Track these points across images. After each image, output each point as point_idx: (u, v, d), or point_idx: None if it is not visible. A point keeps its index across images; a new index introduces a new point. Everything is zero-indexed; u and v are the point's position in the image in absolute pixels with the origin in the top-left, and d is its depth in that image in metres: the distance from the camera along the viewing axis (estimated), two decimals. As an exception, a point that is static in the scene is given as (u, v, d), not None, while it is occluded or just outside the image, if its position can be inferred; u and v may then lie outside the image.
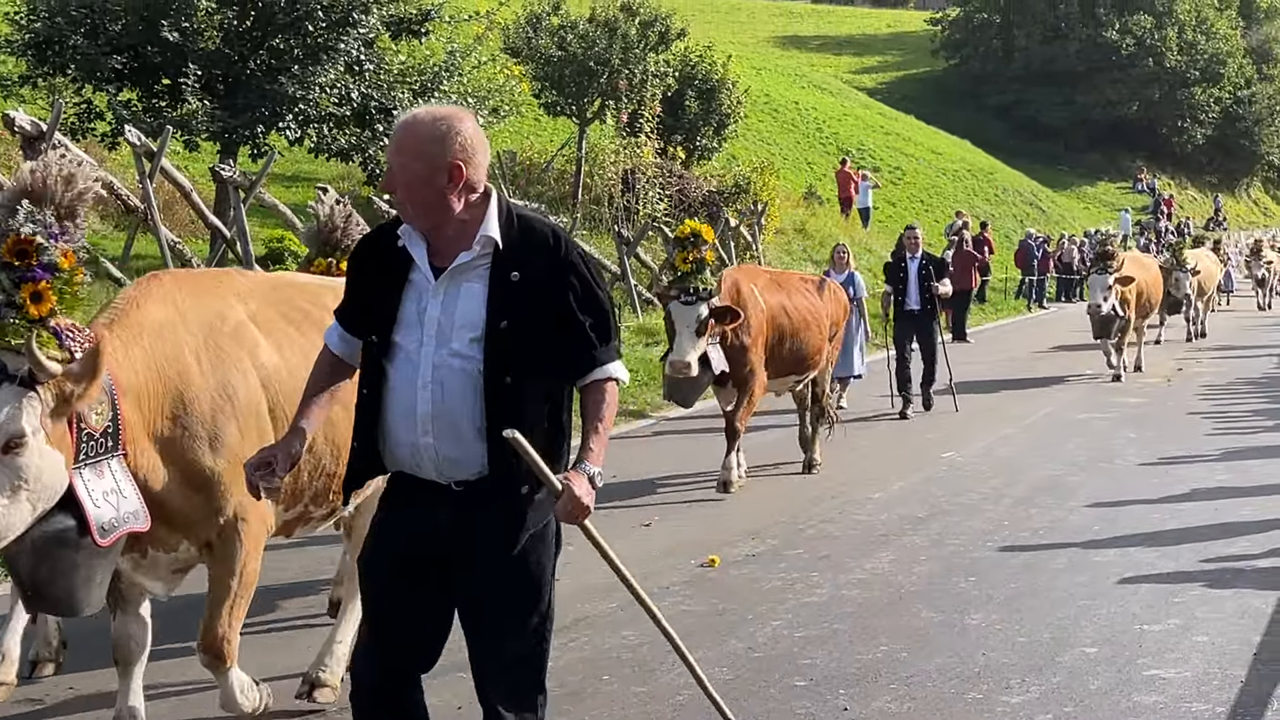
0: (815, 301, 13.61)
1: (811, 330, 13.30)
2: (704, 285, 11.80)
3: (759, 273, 14.00)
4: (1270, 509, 11.21)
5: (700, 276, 11.82)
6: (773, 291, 13.11)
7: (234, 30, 18.79)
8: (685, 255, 11.85)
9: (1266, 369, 22.91)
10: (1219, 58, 71.20)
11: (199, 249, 18.63)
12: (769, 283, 13.31)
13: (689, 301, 11.71)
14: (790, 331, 13.04)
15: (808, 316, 13.30)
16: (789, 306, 13.12)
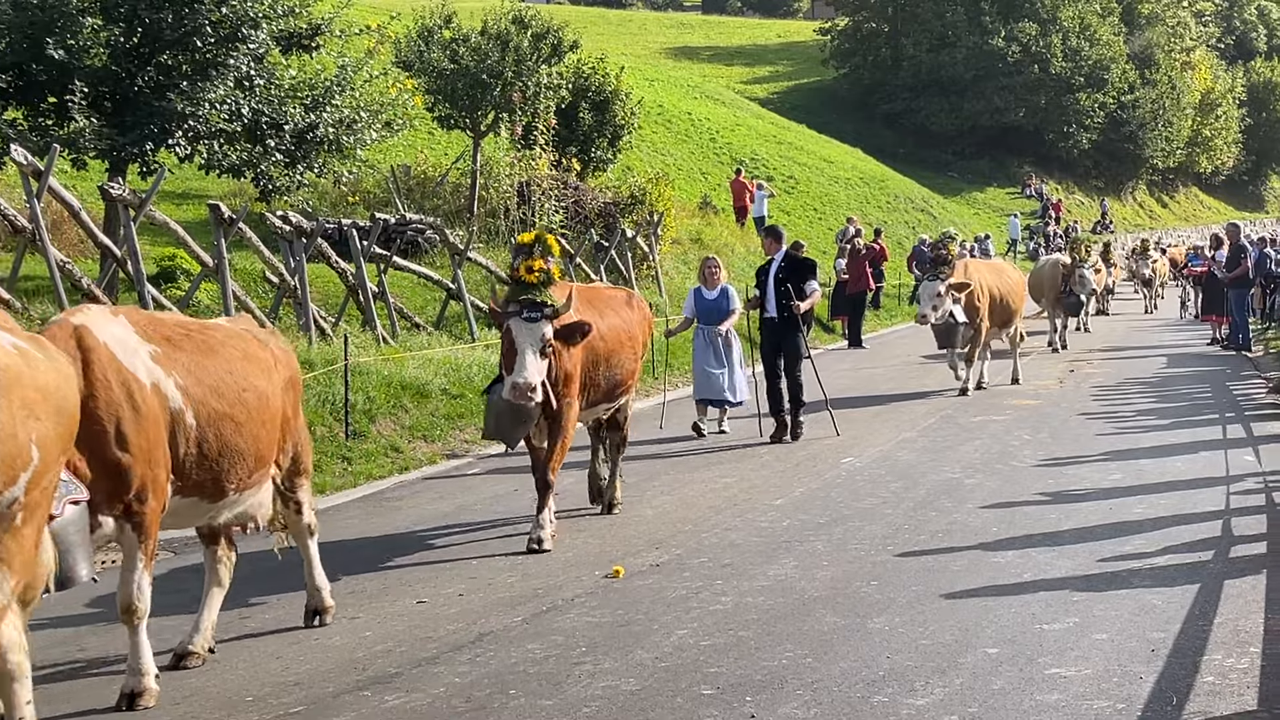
0: (629, 318, 12.18)
1: (626, 352, 11.92)
2: (546, 300, 10.53)
3: (567, 288, 11.48)
4: (1163, 507, 11.42)
5: (546, 290, 10.58)
6: (584, 309, 11.22)
7: (121, 47, 18.50)
8: (530, 264, 10.62)
9: (1156, 369, 23.32)
10: (1103, 64, 72.34)
11: (89, 269, 18.34)
12: (580, 300, 11.29)
13: (533, 318, 10.44)
14: (605, 355, 11.55)
15: (622, 337, 11.87)
16: (602, 327, 11.48)
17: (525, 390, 10.21)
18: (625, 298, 12.68)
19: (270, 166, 19.82)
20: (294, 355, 8.83)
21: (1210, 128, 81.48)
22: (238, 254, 20.46)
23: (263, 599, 9.35)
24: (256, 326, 8.72)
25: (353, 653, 7.95)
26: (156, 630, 8.37)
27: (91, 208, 18.64)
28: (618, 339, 11.79)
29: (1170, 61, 79.18)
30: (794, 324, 16.16)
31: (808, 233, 42.03)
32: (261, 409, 7.81)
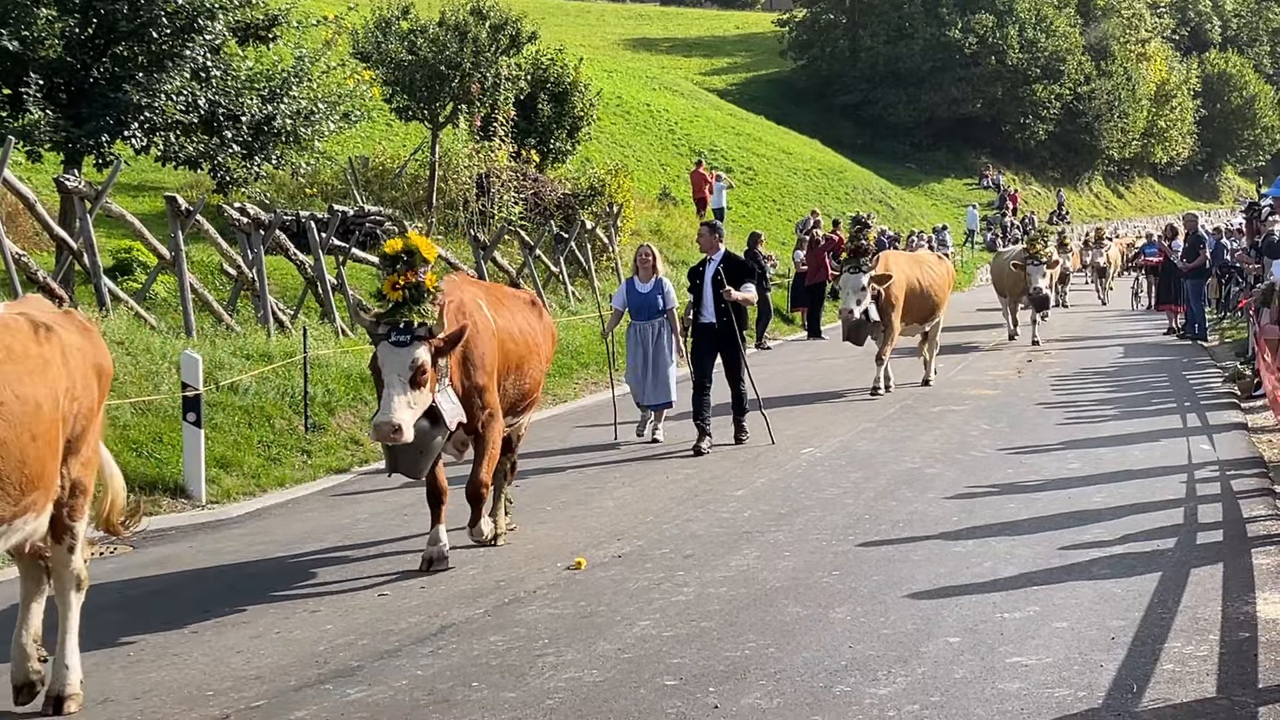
0: (534, 323, 11.00)
1: (534, 360, 10.80)
2: (422, 319, 9.16)
3: (474, 284, 10.78)
4: (1121, 496, 11.49)
5: (418, 308, 9.17)
6: (495, 310, 10.31)
7: (76, 38, 18.34)
8: (396, 279, 9.15)
9: (1113, 358, 23.45)
10: (1059, 55, 72.71)
11: (44, 261, 18.20)
12: (488, 299, 10.39)
13: (400, 341, 9.03)
14: (516, 362, 10.44)
15: (530, 342, 10.73)
16: (513, 330, 10.46)
17: (387, 433, 8.81)
18: (529, 302, 11.35)
19: (227, 158, 19.68)
20: (98, 342, 7.36)
21: (1165, 119, 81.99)
22: (195, 246, 20.37)
23: (222, 592, 9.31)
24: (42, 308, 7.16)
25: (314, 646, 7.92)
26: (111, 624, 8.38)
27: (47, 200, 18.48)
28: (527, 344, 10.63)
29: (1125, 53, 79.62)
30: (733, 330, 14.94)
31: (767, 223, 42.15)
32: (29, 420, 6.41)
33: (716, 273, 15.01)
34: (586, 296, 27.79)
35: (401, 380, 8.96)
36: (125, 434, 13.21)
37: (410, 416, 8.94)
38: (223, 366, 15.20)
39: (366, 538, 10.90)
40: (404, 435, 8.83)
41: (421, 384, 9.00)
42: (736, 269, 15.21)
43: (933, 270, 20.59)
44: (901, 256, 20.68)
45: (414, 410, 8.99)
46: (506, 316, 10.40)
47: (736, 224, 41.66)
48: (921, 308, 19.69)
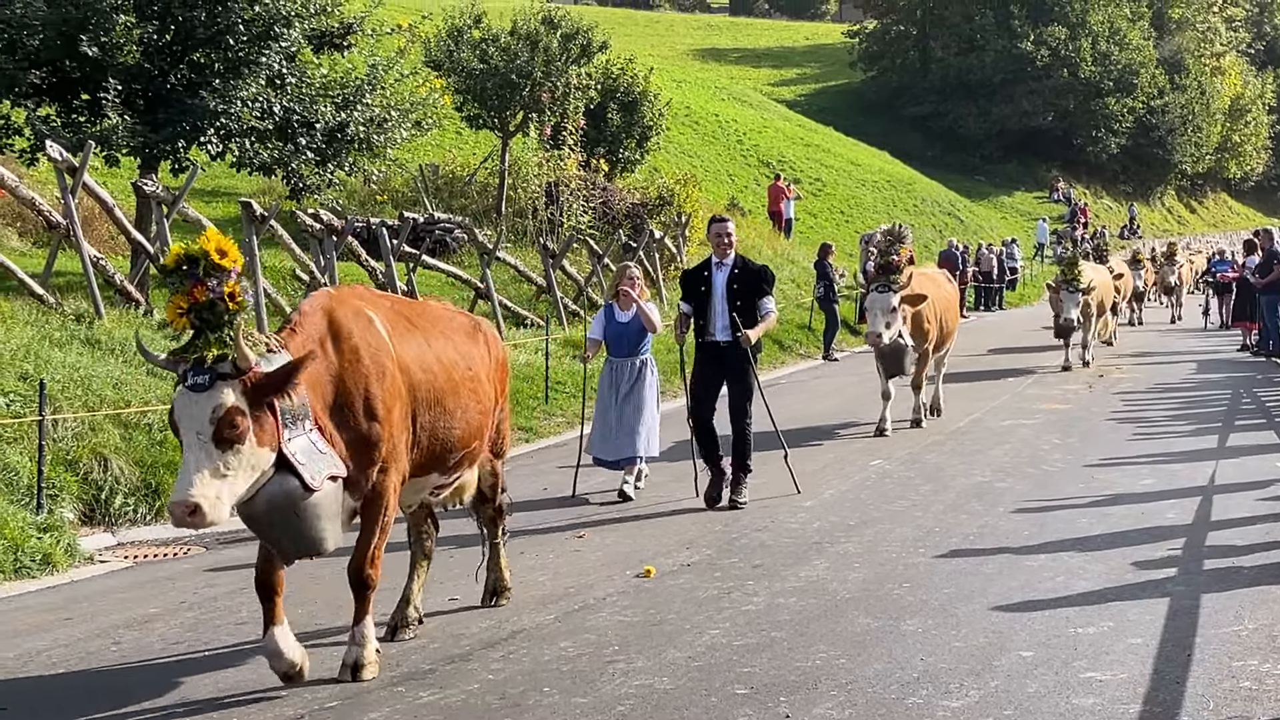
0: (469, 353, 8.44)
1: (468, 399, 8.18)
2: (216, 351, 6.64)
3: (375, 299, 8.02)
4: (1195, 512, 11.38)
5: (215, 336, 6.68)
6: (403, 333, 7.80)
7: (154, 45, 18.58)
8: (180, 301, 6.72)
9: (1185, 374, 23.23)
10: (1132, 68, 72.13)
11: (121, 265, 18.43)
12: (391, 318, 7.82)
13: (198, 385, 6.53)
14: (433, 400, 7.88)
15: (458, 376, 8.14)
16: (428, 359, 7.92)
17: (181, 516, 6.37)
18: (468, 327, 8.77)
19: (301, 165, 19.88)
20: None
21: (1239, 133, 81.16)
22: (268, 251, 20.55)
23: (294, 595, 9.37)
24: None
25: (386, 649, 7.95)
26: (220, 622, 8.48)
27: (124, 204, 18.71)
28: (451, 379, 8.06)
29: (1200, 66, 78.86)
30: (744, 352, 12.45)
31: (834, 235, 42.02)
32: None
33: (730, 282, 12.53)
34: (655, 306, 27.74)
35: (202, 440, 6.45)
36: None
37: (219, 489, 6.45)
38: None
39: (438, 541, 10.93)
40: (205, 517, 6.37)
41: (233, 440, 6.48)
42: (753, 279, 12.63)
43: (945, 290, 18.63)
44: (923, 275, 18.16)
45: (229, 479, 6.50)
46: (419, 343, 7.90)
47: (804, 235, 41.68)
48: (937, 335, 17.75)
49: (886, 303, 16.13)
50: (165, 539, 11.78)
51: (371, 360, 7.32)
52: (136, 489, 12.20)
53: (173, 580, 10.15)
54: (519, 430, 16.99)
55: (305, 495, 6.80)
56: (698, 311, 12.71)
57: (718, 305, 12.52)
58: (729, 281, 12.51)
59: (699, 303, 12.69)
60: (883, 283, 16.35)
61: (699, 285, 12.72)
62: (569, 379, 19.80)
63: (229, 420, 6.47)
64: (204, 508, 6.34)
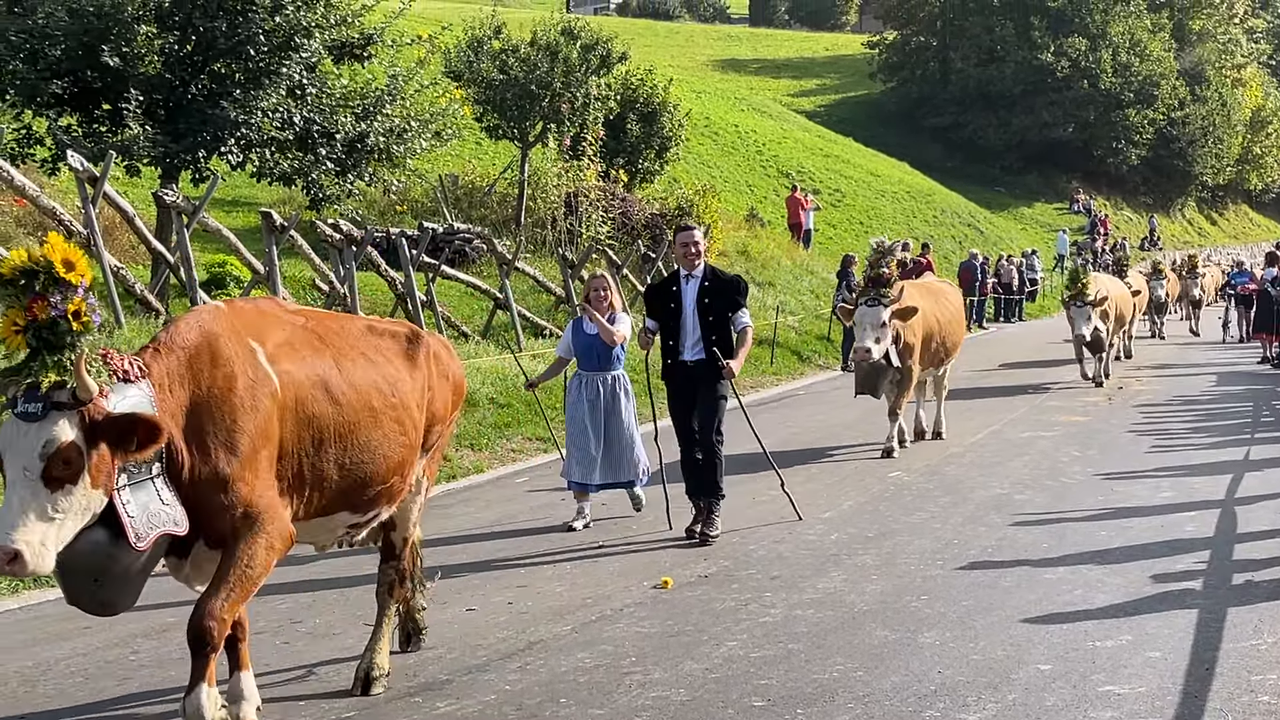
0: (396, 374, 7.29)
1: (388, 429, 7.07)
2: (53, 377, 5.72)
3: (276, 318, 6.87)
4: (1214, 526, 11.34)
5: (54, 359, 5.74)
6: (298, 352, 6.71)
7: (175, 55, 18.68)
8: (16, 318, 5.75)
9: (1204, 387, 23.15)
10: (1153, 80, 71.94)
11: (141, 274, 18.50)
12: (303, 336, 6.84)
13: (29, 414, 5.64)
14: (334, 433, 6.78)
15: (374, 404, 7.02)
16: (332, 382, 6.82)
17: (1, 562, 5.44)
18: (400, 347, 7.52)
19: (321, 175, 19.94)
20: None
21: (1260, 145, 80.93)
22: (288, 261, 20.60)
23: (309, 605, 9.39)
24: None
25: (403, 659, 7.97)
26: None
27: (144, 214, 18.79)
28: (365, 407, 6.96)
29: (1221, 78, 78.65)
30: (716, 370, 11.40)
31: (854, 246, 41.91)
32: None
33: (700, 295, 11.45)
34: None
35: (29, 477, 5.55)
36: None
37: (44, 534, 5.54)
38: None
39: (454, 553, 10.95)
40: (27, 566, 5.47)
41: (65, 479, 5.59)
42: (726, 291, 11.55)
43: (949, 303, 17.68)
44: (916, 287, 17.24)
45: (57, 523, 5.59)
46: (327, 366, 6.82)
47: (824, 245, 41.66)
48: (936, 350, 16.79)
49: (876, 317, 15.30)
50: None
51: (246, 393, 6.31)
52: (156, 498, 12.20)
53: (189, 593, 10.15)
54: (537, 440, 17.00)
55: (119, 554, 5.87)
56: (666, 330, 11.58)
57: (688, 321, 11.43)
58: (699, 295, 11.43)
59: (667, 320, 11.56)
60: (872, 296, 15.50)
61: (667, 301, 11.59)
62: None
63: (62, 457, 5.58)
64: (25, 555, 5.45)
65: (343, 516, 7.11)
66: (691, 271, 11.54)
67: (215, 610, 6.21)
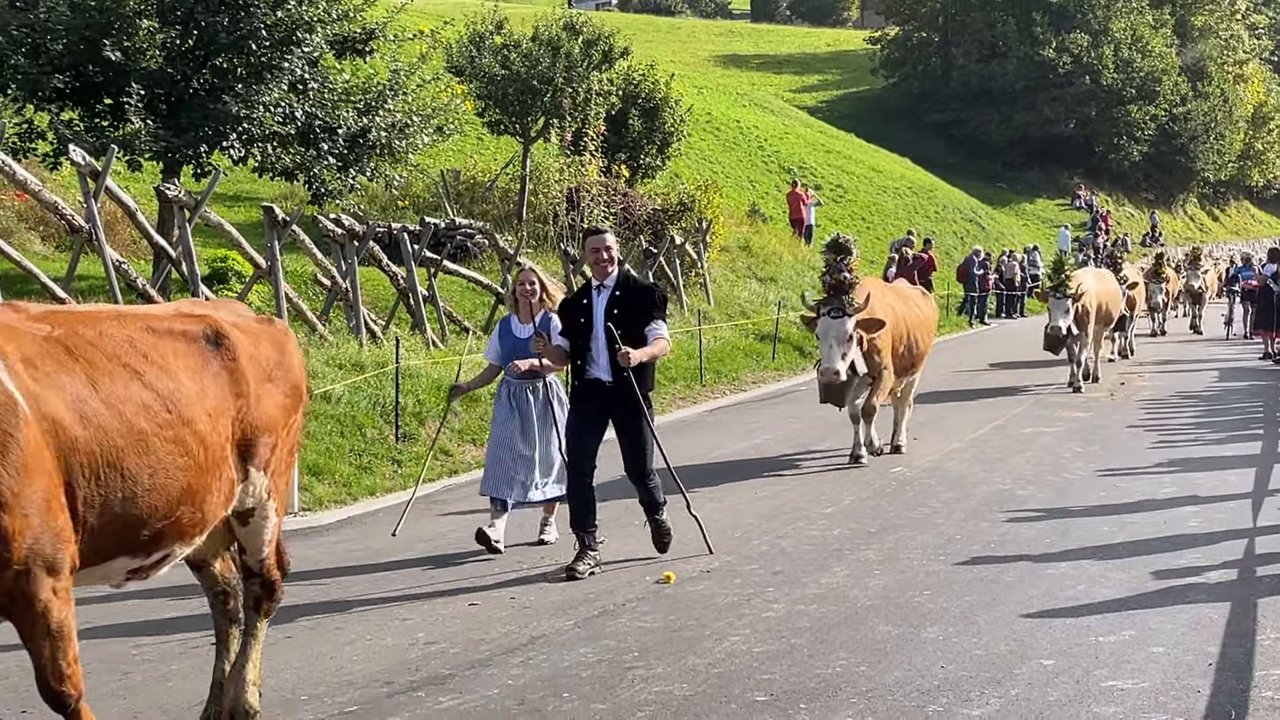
0: (176, 385, 5.99)
1: (158, 452, 5.79)
2: None
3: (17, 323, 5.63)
4: (1217, 521, 11.33)
5: None
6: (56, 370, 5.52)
7: (177, 50, 18.64)
8: None
9: (1207, 382, 23.14)
10: (1154, 76, 71.85)
11: (143, 269, 18.48)
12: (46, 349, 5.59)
13: None
14: (104, 459, 5.58)
15: (150, 422, 5.78)
16: (94, 406, 5.60)
17: None
18: (186, 348, 6.23)
19: (323, 170, 19.91)
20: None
21: (1262, 141, 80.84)
22: (290, 256, 20.58)
23: (314, 599, 9.39)
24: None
25: (405, 653, 7.97)
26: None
27: (146, 209, 18.77)
28: (134, 430, 5.71)
29: (1223, 74, 78.54)
30: (634, 394, 10.11)
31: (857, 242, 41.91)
32: None
33: (610, 307, 10.27)
34: (675, 312, 27.81)
35: None
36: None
37: None
38: (316, 375, 15.35)
39: (456, 547, 10.94)
40: None
41: None
42: (637, 302, 10.34)
43: (919, 309, 16.52)
44: (885, 290, 16.09)
45: None
46: (80, 385, 5.57)
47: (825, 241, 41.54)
48: (903, 356, 15.57)
49: (841, 330, 14.03)
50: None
51: None
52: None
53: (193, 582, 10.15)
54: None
55: None
56: (576, 347, 10.36)
57: (598, 338, 10.22)
58: (609, 306, 10.25)
59: (577, 336, 10.36)
60: (835, 306, 14.14)
61: (577, 315, 10.41)
62: (589, 385, 19.81)
63: None
64: None
65: (120, 563, 5.92)
66: (603, 281, 10.38)
67: (55, 673, 5.46)
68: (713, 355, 23.71)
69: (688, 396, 21.25)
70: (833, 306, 14.18)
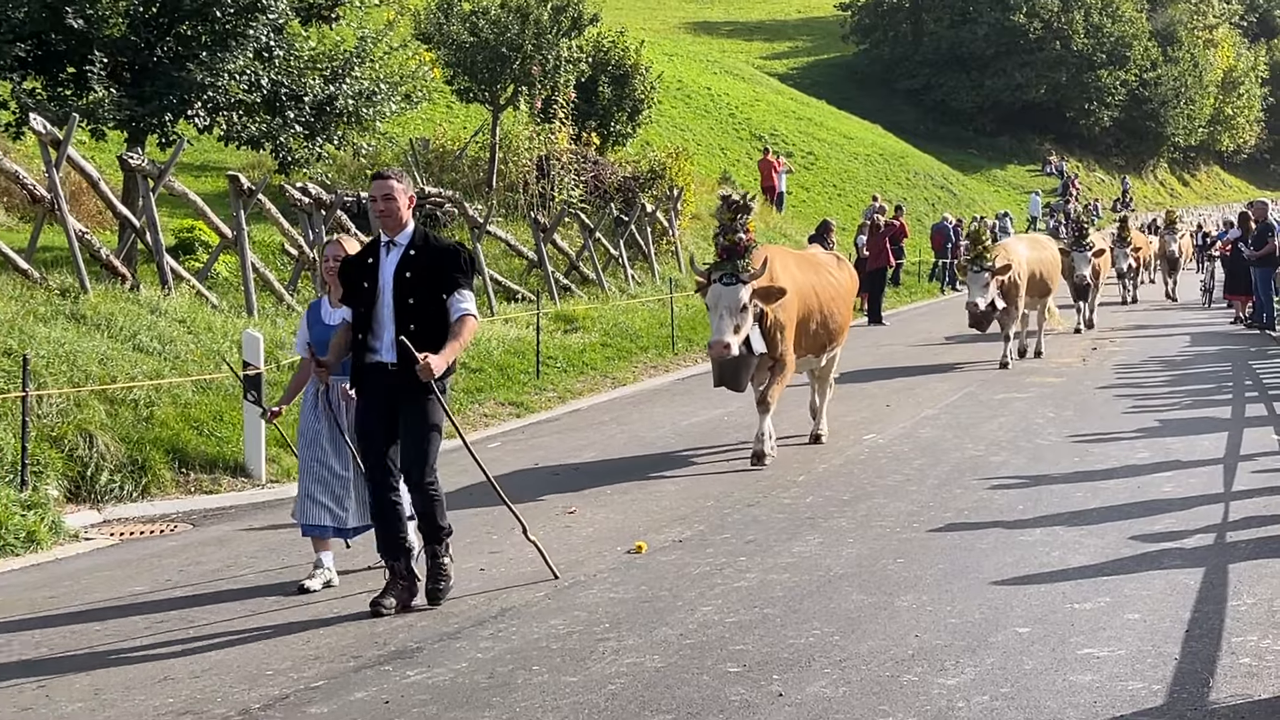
0: None
1: None
2: None
3: None
4: (1191, 486, 11.28)
5: None
6: None
7: (140, 17, 18.38)
8: None
9: (1179, 347, 23.14)
10: (1125, 41, 71.95)
11: (107, 239, 18.28)
12: None
13: None
14: None
15: None
16: None
17: None
18: None
19: (289, 138, 19.70)
20: None
21: (1232, 106, 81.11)
22: (256, 226, 20.40)
23: (281, 571, 9.29)
24: None
25: (373, 626, 7.87)
26: (175, 603, 8.36)
27: (110, 178, 18.55)
28: None
29: (1193, 39, 78.70)
30: (419, 378, 8.04)
31: (827, 209, 41.94)
32: None
33: (402, 269, 8.23)
34: (646, 280, 27.73)
35: None
36: (187, 412, 13.23)
37: None
38: (284, 346, 15.21)
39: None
40: None
41: None
42: (438, 265, 8.28)
43: (832, 277, 14.47)
44: (788, 256, 14.21)
45: None
46: None
47: (797, 209, 41.54)
48: (817, 333, 13.91)
49: (734, 299, 12.39)
50: (152, 516, 11.67)
51: None
52: (122, 465, 12.09)
53: (159, 558, 10.05)
54: (511, 405, 16.91)
55: None
56: (358, 319, 8.36)
57: (384, 309, 8.20)
58: (400, 269, 8.23)
59: (359, 305, 8.36)
60: (727, 271, 12.53)
61: (361, 278, 8.35)
62: (560, 354, 19.71)
63: None
64: None
65: None
66: (394, 238, 8.30)
67: None
68: (684, 323, 23.57)
69: (659, 365, 21.15)
70: (725, 272, 12.54)
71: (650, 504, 11.31)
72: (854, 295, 15.44)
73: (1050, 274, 22.08)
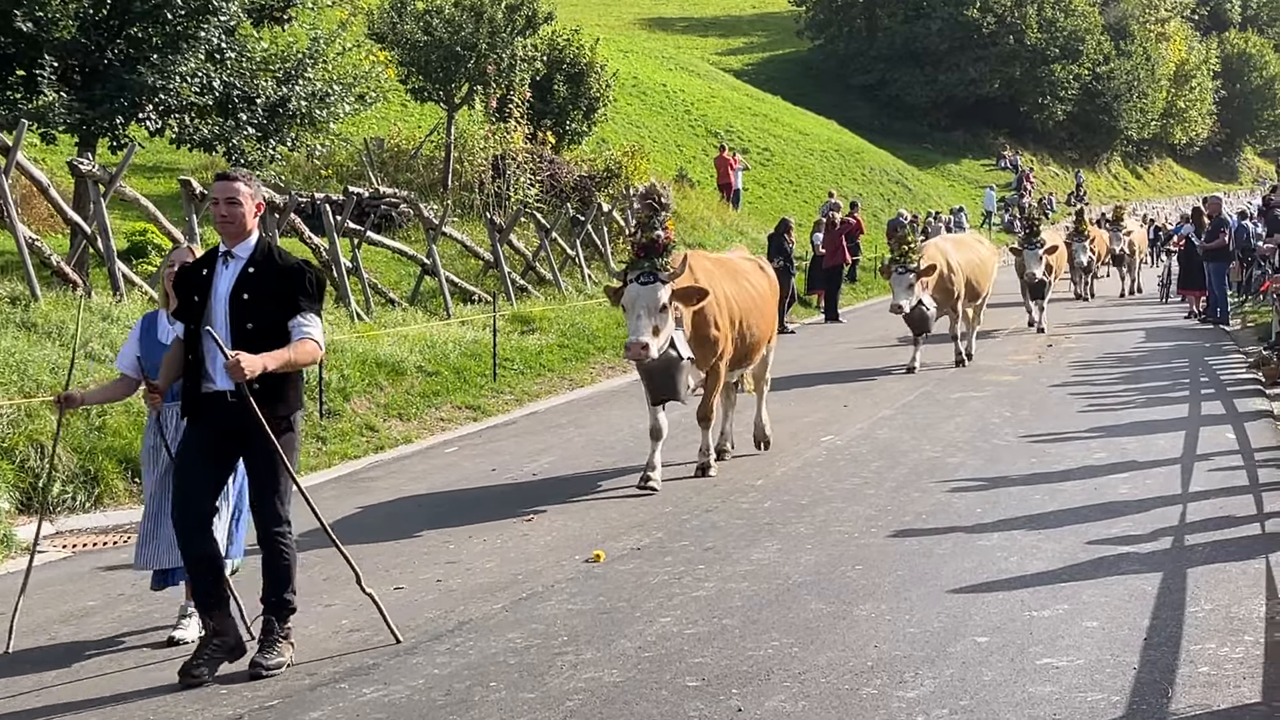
0: None
1: None
2: None
3: None
4: (1148, 487, 11.29)
5: None
6: None
7: (91, 19, 18.19)
8: None
9: (1134, 343, 23.22)
10: (1078, 35, 72.30)
11: (58, 245, 18.09)
12: None
13: None
14: None
15: None
16: None
17: None
18: None
19: (242, 140, 19.55)
20: None
21: (1185, 99, 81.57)
22: (209, 229, 20.21)
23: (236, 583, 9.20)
24: None
25: (328, 642, 7.79)
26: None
27: (61, 183, 18.36)
28: None
29: (1145, 32, 79.16)
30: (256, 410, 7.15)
31: (784, 205, 41.96)
32: None
33: (239, 289, 7.35)
34: (603, 279, 27.64)
35: None
36: (139, 420, 13.08)
37: None
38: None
39: (381, 528, 10.76)
40: None
41: None
42: (279, 282, 7.39)
43: (752, 285, 13.59)
44: (707, 260, 13.34)
45: None
46: None
47: (753, 205, 41.56)
48: (738, 346, 13.03)
49: (653, 298, 11.64)
50: (104, 527, 11.55)
51: None
52: (74, 476, 11.97)
53: (111, 570, 9.93)
54: (468, 409, 16.83)
55: None
56: (189, 338, 7.41)
57: (218, 330, 7.23)
58: (237, 289, 7.34)
59: (191, 320, 7.43)
60: (645, 270, 11.82)
61: (192, 292, 7.45)
62: (516, 355, 19.62)
63: None
64: None
65: None
66: (232, 249, 7.43)
67: None
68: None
69: (617, 365, 21.07)
70: (642, 271, 11.82)
71: (609, 510, 11.26)
72: (776, 300, 14.49)
73: (978, 277, 21.21)
